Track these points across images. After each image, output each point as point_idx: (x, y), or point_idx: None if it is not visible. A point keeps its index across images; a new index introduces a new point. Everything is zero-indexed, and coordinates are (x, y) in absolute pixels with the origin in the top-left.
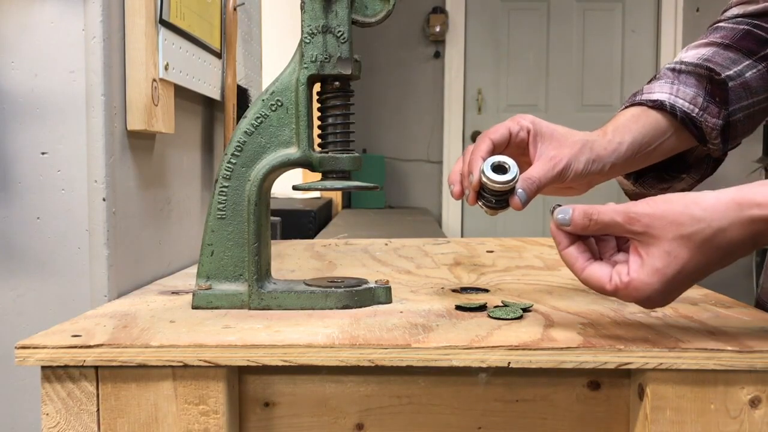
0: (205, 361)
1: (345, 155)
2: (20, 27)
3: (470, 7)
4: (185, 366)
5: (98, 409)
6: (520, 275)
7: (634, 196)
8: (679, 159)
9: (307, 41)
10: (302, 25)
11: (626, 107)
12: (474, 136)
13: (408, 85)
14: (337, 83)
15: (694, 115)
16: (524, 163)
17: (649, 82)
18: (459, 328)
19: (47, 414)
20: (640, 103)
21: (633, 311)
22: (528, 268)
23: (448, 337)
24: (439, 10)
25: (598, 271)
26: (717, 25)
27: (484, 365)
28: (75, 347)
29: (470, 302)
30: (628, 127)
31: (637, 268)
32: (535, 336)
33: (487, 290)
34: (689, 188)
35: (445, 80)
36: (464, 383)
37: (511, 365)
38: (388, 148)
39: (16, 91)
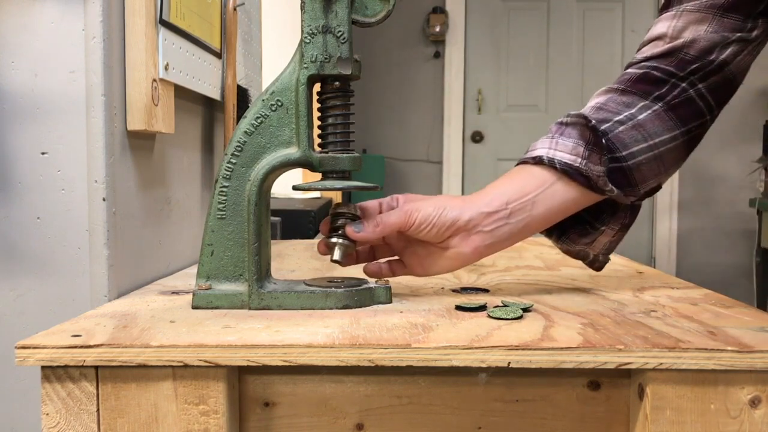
0: (205, 361)
1: (345, 155)
2: (20, 27)
3: (470, 7)
4: (185, 366)
5: (98, 409)
6: (520, 275)
7: (566, 253)
8: (599, 212)
9: (307, 41)
10: (302, 25)
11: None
12: (474, 136)
13: (408, 85)
14: (337, 83)
15: (577, 165)
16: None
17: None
18: (459, 328)
19: (47, 414)
20: (524, 162)
21: (633, 311)
22: (528, 268)
23: (448, 337)
24: (439, 10)
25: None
26: (626, 70)
27: (484, 365)
28: (75, 347)
29: (470, 302)
30: (499, 182)
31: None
32: (535, 336)
33: (487, 290)
34: (615, 240)
35: (445, 80)
36: (464, 383)
37: (511, 365)
38: (387, 148)
39: (16, 91)
